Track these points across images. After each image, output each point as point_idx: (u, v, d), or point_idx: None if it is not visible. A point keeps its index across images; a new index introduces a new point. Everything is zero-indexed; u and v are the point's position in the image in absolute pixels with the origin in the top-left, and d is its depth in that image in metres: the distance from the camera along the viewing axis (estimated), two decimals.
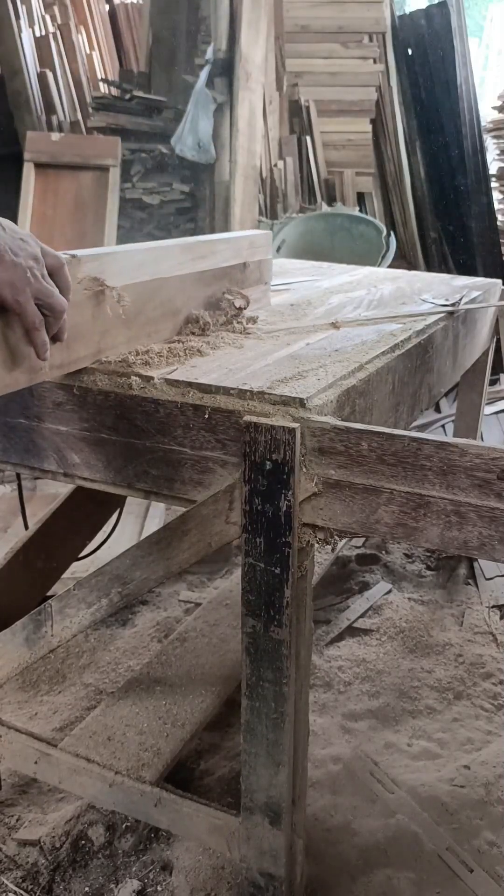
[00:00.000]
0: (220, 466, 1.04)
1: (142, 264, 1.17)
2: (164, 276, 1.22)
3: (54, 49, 4.50)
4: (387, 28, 4.36)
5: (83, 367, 1.09)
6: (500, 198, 5.77)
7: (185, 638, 1.74)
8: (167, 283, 1.23)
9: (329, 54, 4.42)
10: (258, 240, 1.52)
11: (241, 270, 1.46)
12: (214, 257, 1.37)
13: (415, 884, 1.38)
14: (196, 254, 1.32)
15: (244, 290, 1.47)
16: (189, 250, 1.30)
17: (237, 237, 1.47)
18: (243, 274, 1.48)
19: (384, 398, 1.25)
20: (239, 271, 1.45)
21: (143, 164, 3.88)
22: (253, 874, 1.23)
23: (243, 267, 1.47)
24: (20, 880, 1.39)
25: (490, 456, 0.89)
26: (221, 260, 1.39)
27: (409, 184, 4.52)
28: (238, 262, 1.45)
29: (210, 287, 1.37)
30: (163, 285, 1.22)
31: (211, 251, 1.36)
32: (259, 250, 1.52)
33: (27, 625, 1.27)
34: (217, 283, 1.39)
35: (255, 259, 1.51)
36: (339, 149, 4.49)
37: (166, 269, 1.23)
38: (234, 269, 1.43)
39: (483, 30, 12.64)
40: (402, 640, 2.09)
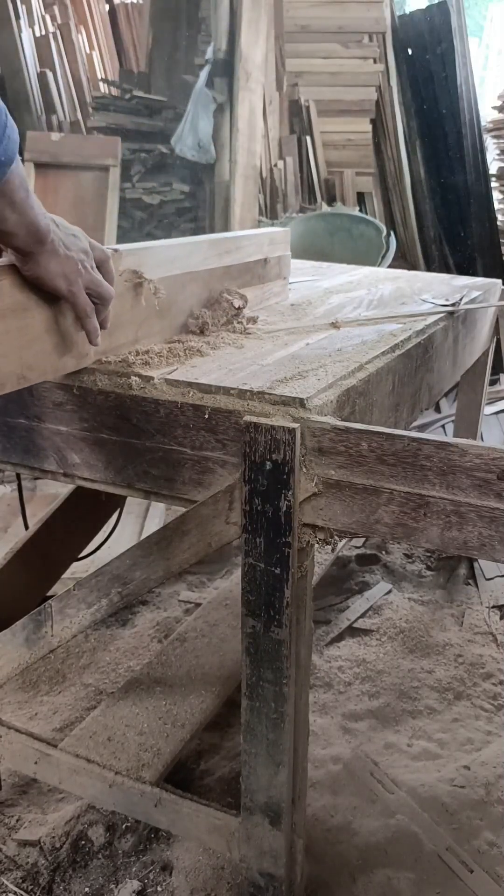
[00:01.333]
0: (220, 466, 1.04)
1: (175, 259, 1.24)
2: (194, 269, 1.29)
3: (54, 49, 4.50)
4: (387, 28, 4.36)
5: (124, 353, 1.15)
6: (500, 198, 5.77)
7: (185, 638, 1.74)
8: (197, 276, 1.31)
9: (329, 54, 4.42)
10: (278, 237, 1.59)
11: (262, 266, 1.53)
12: (239, 253, 1.44)
13: (415, 884, 1.38)
14: (222, 249, 1.38)
15: (264, 284, 1.55)
16: (216, 246, 1.36)
17: (259, 234, 1.54)
18: (264, 269, 1.55)
19: (384, 398, 1.25)
20: (261, 266, 1.53)
21: (143, 164, 3.89)
22: (253, 874, 1.23)
23: (264, 262, 1.54)
24: (20, 880, 1.39)
25: (490, 456, 0.89)
26: (245, 255, 1.46)
27: (409, 184, 4.52)
28: (260, 257, 1.52)
29: (235, 281, 1.44)
30: (193, 278, 1.30)
31: (236, 247, 1.43)
32: (278, 247, 1.60)
33: (27, 625, 1.27)
34: (241, 278, 1.46)
35: (275, 255, 1.58)
36: (339, 149, 4.49)
37: (196, 263, 1.30)
38: (256, 264, 1.51)
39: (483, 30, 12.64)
40: (402, 640, 2.09)
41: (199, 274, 1.31)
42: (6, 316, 0.91)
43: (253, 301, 1.53)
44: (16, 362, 0.94)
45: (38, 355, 0.97)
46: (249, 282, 1.51)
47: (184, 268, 1.26)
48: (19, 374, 0.95)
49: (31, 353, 0.96)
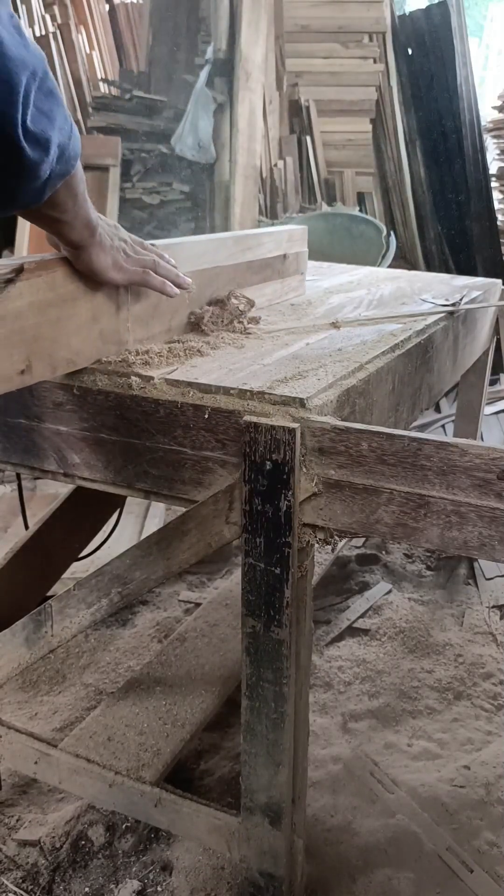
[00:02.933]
0: (220, 466, 1.04)
1: (203, 254, 1.32)
2: (221, 264, 1.37)
3: (54, 49, 4.50)
4: (387, 28, 4.36)
5: (158, 343, 1.21)
6: (500, 198, 5.77)
7: (185, 638, 1.74)
8: (223, 270, 1.38)
9: (329, 54, 4.42)
10: (296, 233, 1.67)
11: (281, 261, 1.61)
12: (260, 249, 1.51)
13: (415, 884, 1.38)
14: (245, 245, 1.45)
15: (284, 279, 1.64)
16: (240, 242, 1.43)
17: (278, 231, 1.61)
18: (283, 264, 1.62)
19: (384, 398, 1.25)
20: (280, 262, 1.60)
21: (143, 164, 3.88)
22: (253, 874, 1.23)
23: (283, 258, 1.61)
24: (20, 880, 1.39)
25: (490, 456, 0.89)
26: (266, 251, 1.53)
27: (409, 184, 4.52)
28: (279, 253, 1.59)
29: (257, 275, 1.51)
30: (220, 273, 1.37)
31: (257, 243, 1.50)
32: (296, 243, 1.67)
33: (27, 625, 1.26)
34: (262, 272, 1.54)
35: (293, 251, 1.65)
36: (339, 149, 4.49)
37: (222, 258, 1.38)
38: (276, 259, 1.58)
39: (483, 30, 12.65)
40: (402, 640, 2.09)
41: (224, 268, 1.38)
42: (59, 304, 0.99)
43: (272, 295, 1.61)
44: (66, 347, 1.03)
45: (84, 341, 1.06)
46: (270, 276, 1.57)
47: (211, 262, 1.34)
48: (69, 359, 1.04)
49: (79, 339, 1.05)
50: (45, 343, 0.99)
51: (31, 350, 0.97)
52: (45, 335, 0.98)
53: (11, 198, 0.84)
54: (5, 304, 0.91)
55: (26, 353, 0.96)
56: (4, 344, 0.92)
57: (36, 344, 0.97)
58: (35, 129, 0.79)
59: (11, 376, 0.95)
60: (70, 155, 0.87)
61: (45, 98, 0.80)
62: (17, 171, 0.80)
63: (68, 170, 0.88)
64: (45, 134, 0.81)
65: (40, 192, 0.86)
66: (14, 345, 0.94)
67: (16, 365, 0.95)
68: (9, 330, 0.92)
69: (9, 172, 0.80)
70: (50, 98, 0.81)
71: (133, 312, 1.15)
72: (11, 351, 0.93)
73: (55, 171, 0.85)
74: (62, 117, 0.83)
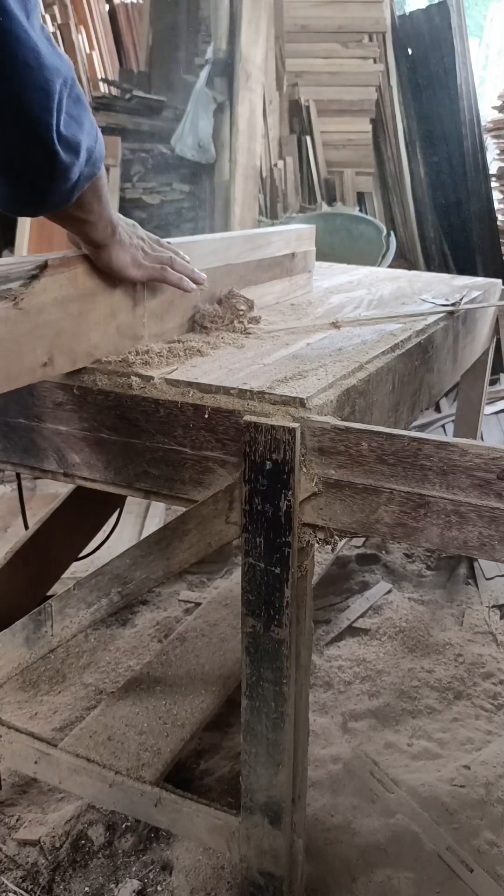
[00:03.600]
0: (220, 466, 1.04)
1: (215, 251, 1.36)
2: (232, 262, 1.41)
3: None
4: (387, 28, 4.36)
5: (175, 336, 1.25)
6: (500, 198, 5.77)
7: (185, 638, 1.74)
8: (234, 268, 1.42)
9: (329, 54, 4.42)
10: (304, 233, 1.71)
11: (290, 260, 1.65)
12: (270, 247, 1.55)
13: (415, 884, 1.38)
14: (255, 244, 1.49)
15: (292, 277, 1.66)
16: (250, 241, 1.48)
17: (287, 230, 1.66)
18: (292, 263, 1.66)
19: (384, 398, 1.25)
20: (288, 260, 1.64)
21: (143, 164, 3.88)
22: (253, 874, 1.23)
23: (292, 257, 1.65)
24: (20, 880, 1.39)
25: (490, 456, 0.89)
26: (275, 250, 1.57)
27: (409, 184, 4.52)
28: (288, 252, 1.63)
29: (267, 273, 1.55)
30: (231, 270, 1.41)
31: (267, 242, 1.54)
32: (304, 242, 1.72)
33: (27, 625, 1.27)
34: (271, 271, 1.57)
35: (301, 250, 1.70)
36: (339, 149, 4.49)
37: (233, 256, 1.42)
38: (285, 258, 1.62)
39: (483, 30, 12.64)
40: (402, 639, 2.09)
41: (235, 266, 1.42)
42: (80, 300, 1.03)
43: (281, 293, 1.65)
44: (86, 341, 1.07)
45: (103, 335, 1.10)
46: (279, 275, 1.61)
47: (223, 260, 1.38)
48: (88, 352, 1.08)
49: (98, 333, 1.09)
50: (67, 337, 1.03)
51: (53, 343, 1.00)
52: (66, 329, 1.02)
53: (43, 199, 0.89)
54: (30, 298, 0.94)
55: (49, 347, 1.00)
56: (29, 337, 0.96)
57: (58, 338, 1.01)
58: (67, 134, 0.83)
59: (35, 368, 0.98)
60: (96, 157, 0.91)
61: (74, 104, 0.84)
62: (50, 173, 0.85)
63: (94, 172, 0.92)
64: (76, 138, 0.85)
65: (70, 193, 0.90)
66: (38, 338, 0.97)
67: (39, 357, 0.99)
68: (33, 324, 0.96)
69: (43, 175, 0.85)
70: (78, 104, 0.85)
71: (148, 308, 1.19)
72: (35, 344, 0.97)
73: (83, 174, 0.89)
74: (89, 122, 0.88)
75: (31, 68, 0.77)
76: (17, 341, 0.94)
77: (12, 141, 0.81)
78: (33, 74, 0.78)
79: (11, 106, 0.78)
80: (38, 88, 0.78)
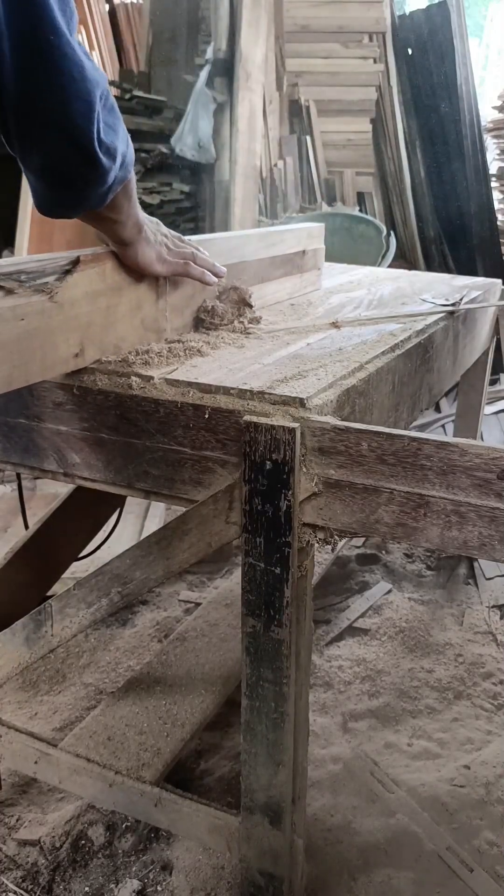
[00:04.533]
0: (220, 466, 1.04)
1: (232, 249, 1.42)
2: (247, 259, 1.46)
3: None
4: (387, 28, 4.36)
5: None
6: (500, 198, 5.77)
7: (185, 638, 1.74)
8: (249, 265, 1.48)
9: (329, 54, 4.42)
10: (314, 231, 1.76)
11: (301, 257, 1.69)
12: (282, 245, 1.60)
13: (415, 884, 1.38)
14: (269, 242, 1.55)
15: (303, 273, 1.71)
16: (264, 239, 1.53)
17: (298, 228, 1.70)
18: (303, 260, 1.71)
19: (384, 398, 1.25)
20: (299, 257, 1.69)
21: (143, 164, 3.88)
22: (253, 874, 1.23)
23: (303, 254, 1.70)
24: (20, 880, 1.39)
25: (490, 456, 0.89)
26: (287, 247, 1.62)
27: (409, 184, 4.52)
28: (299, 249, 1.68)
29: (279, 270, 1.61)
30: (246, 267, 1.47)
31: (280, 240, 1.59)
32: (314, 240, 1.76)
33: (27, 625, 1.27)
34: (283, 267, 1.63)
35: (311, 248, 1.74)
36: (339, 149, 4.49)
37: (248, 253, 1.47)
38: (296, 255, 1.67)
39: (483, 30, 12.64)
40: (402, 639, 2.09)
41: (250, 263, 1.48)
42: (108, 293, 1.09)
43: (292, 289, 1.69)
44: (113, 333, 1.12)
45: (128, 329, 1.15)
46: (290, 271, 1.66)
47: (239, 257, 1.43)
48: (115, 344, 1.13)
49: (124, 326, 1.14)
50: (96, 329, 1.08)
51: (84, 335, 1.06)
52: (96, 322, 1.08)
53: (80, 202, 0.96)
54: (64, 292, 0.99)
55: (80, 338, 1.05)
56: (62, 329, 1.01)
57: (88, 330, 1.06)
58: (106, 141, 0.90)
59: (68, 359, 1.04)
60: (129, 161, 0.97)
61: (109, 113, 0.91)
62: (89, 178, 0.92)
63: (126, 175, 0.98)
64: (114, 144, 0.91)
65: (105, 195, 0.96)
66: (70, 330, 1.03)
67: (71, 348, 1.04)
68: (66, 316, 1.01)
69: (82, 179, 0.92)
70: (112, 112, 0.91)
71: (170, 302, 1.24)
72: (68, 336, 1.03)
73: (118, 177, 0.95)
74: (122, 129, 0.94)
75: (75, 81, 0.83)
76: (52, 332, 0.99)
77: (56, 148, 0.88)
78: (77, 86, 0.84)
79: (57, 115, 0.85)
80: (81, 100, 0.84)
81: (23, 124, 0.86)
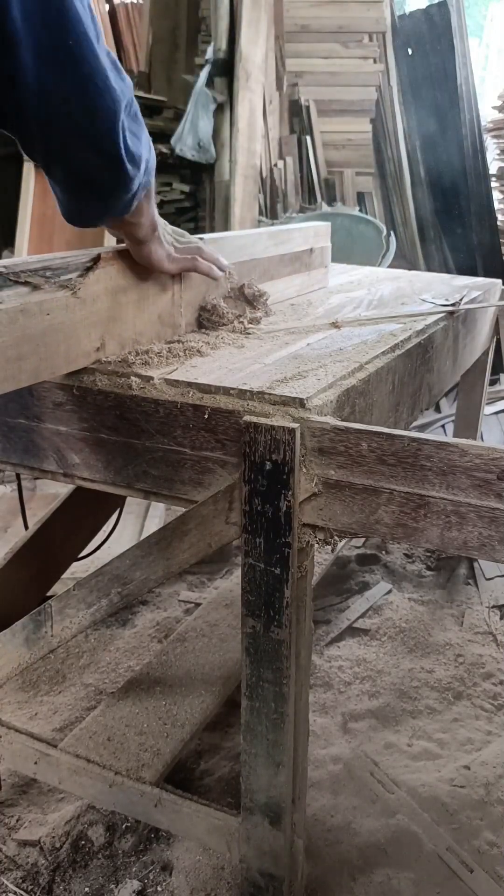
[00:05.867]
0: (219, 466, 1.04)
1: (243, 247, 1.45)
2: (257, 257, 1.51)
3: None
4: (387, 28, 4.36)
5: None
6: (500, 198, 5.77)
7: (185, 638, 1.74)
8: (259, 262, 1.52)
9: (329, 54, 4.42)
10: (321, 229, 1.80)
11: (308, 255, 1.73)
12: (291, 243, 1.64)
13: (415, 884, 1.38)
14: (278, 240, 1.58)
15: (310, 271, 1.75)
16: (273, 237, 1.57)
17: (306, 227, 1.73)
18: (310, 258, 1.74)
19: (384, 398, 1.25)
20: (307, 255, 1.73)
21: None
22: (253, 874, 1.23)
23: (310, 252, 1.74)
24: (20, 880, 1.39)
25: (490, 456, 0.89)
26: (295, 245, 1.66)
27: (409, 184, 4.52)
28: (307, 247, 1.71)
29: (288, 267, 1.64)
30: (257, 265, 1.51)
31: (289, 238, 1.63)
32: (321, 238, 1.80)
33: (27, 625, 1.27)
34: (292, 265, 1.66)
35: (318, 246, 1.78)
36: (339, 149, 4.49)
37: (259, 251, 1.51)
38: (304, 253, 1.71)
39: (483, 30, 12.64)
40: (402, 640, 2.09)
41: (260, 261, 1.52)
42: (127, 289, 1.13)
43: (301, 286, 1.73)
44: (132, 328, 1.16)
45: (146, 323, 1.19)
46: (298, 269, 1.69)
47: (250, 255, 1.47)
48: (133, 339, 1.17)
49: (142, 321, 1.18)
50: (116, 324, 1.12)
51: (105, 329, 1.10)
52: (115, 317, 1.11)
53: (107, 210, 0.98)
54: (86, 288, 1.03)
55: (101, 332, 1.09)
56: (84, 324, 1.05)
57: (109, 324, 1.10)
58: (132, 149, 0.90)
59: (90, 352, 1.08)
60: (151, 167, 0.98)
61: (133, 121, 0.90)
62: (116, 187, 0.93)
63: (150, 180, 0.99)
64: (138, 151, 0.92)
65: (130, 202, 0.97)
66: (92, 325, 1.07)
67: (93, 342, 1.08)
68: (88, 311, 1.05)
69: (110, 189, 0.93)
70: (136, 120, 0.91)
71: (185, 298, 1.28)
72: (90, 330, 1.07)
73: (142, 183, 0.96)
74: (145, 134, 0.94)
75: (100, 91, 0.82)
76: (75, 327, 1.03)
77: (81, 160, 0.88)
78: (103, 96, 0.83)
79: (83, 125, 0.84)
80: (107, 109, 0.84)
81: (46, 135, 0.84)
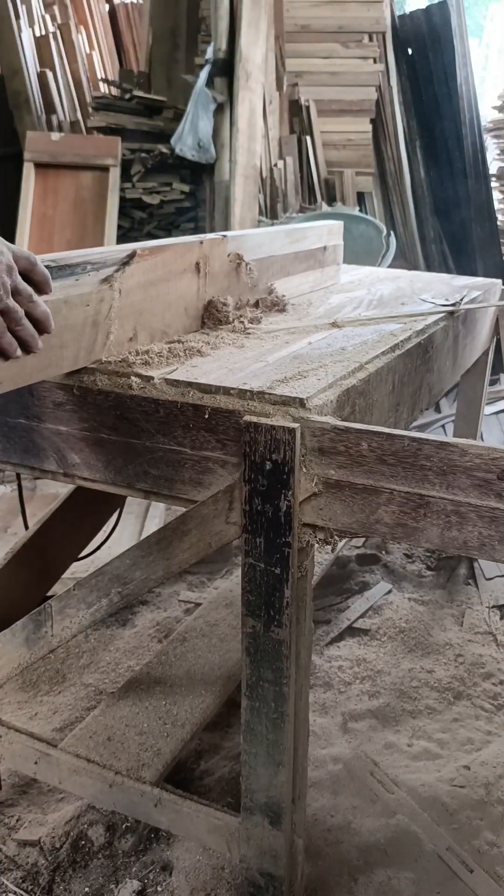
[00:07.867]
0: (220, 466, 1.04)
1: (261, 245, 1.51)
2: (275, 254, 1.57)
3: (54, 49, 4.50)
4: (387, 28, 4.36)
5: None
6: (500, 198, 5.77)
7: (185, 638, 1.74)
8: (276, 259, 1.58)
9: (329, 54, 4.42)
10: (334, 228, 1.86)
11: (322, 252, 1.79)
12: (305, 241, 1.70)
13: (415, 884, 1.38)
14: (293, 238, 1.65)
15: (323, 268, 1.81)
16: (289, 235, 1.64)
17: (320, 226, 1.79)
18: (324, 255, 1.80)
19: (384, 398, 1.25)
20: (321, 253, 1.79)
21: (143, 164, 3.88)
22: (253, 874, 1.23)
23: (324, 250, 1.80)
24: (20, 880, 1.39)
25: (490, 456, 0.89)
26: (309, 243, 1.72)
27: (409, 184, 4.52)
28: (320, 245, 1.77)
29: (302, 264, 1.70)
30: (274, 262, 1.57)
31: (304, 236, 1.69)
32: (334, 237, 1.86)
33: (27, 625, 1.26)
34: (306, 262, 1.72)
35: (331, 244, 1.84)
36: (339, 149, 4.49)
37: (276, 248, 1.57)
38: (318, 251, 1.77)
39: (483, 30, 12.64)
40: (402, 640, 2.09)
41: (277, 258, 1.58)
42: (158, 284, 1.20)
43: (315, 282, 1.79)
44: (161, 320, 1.23)
45: (174, 316, 1.27)
46: (312, 266, 1.75)
47: (268, 252, 1.54)
48: (163, 330, 1.24)
49: (171, 314, 1.26)
50: (148, 316, 1.19)
51: (137, 321, 1.17)
52: (147, 309, 1.19)
53: None
54: (123, 281, 1.10)
55: (134, 324, 1.16)
56: (119, 315, 1.12)
57: (141, 316, 1.18)
58: None
59: (123, 342, 1.15)
60: None
61: None
62: None
63: None
64: None
65: None
66: (126, 316, 1.14)
67: (126, 333, 1.15)
68: (124, 303, 1.12)
69: None
70: None
71: (209, 293, 1.34)
72: (124, 321, 1.14)
73: None
74: None
75: None
76: (111, 318, 1.09)
77: None
78: None
79: None
80: None
81: None
